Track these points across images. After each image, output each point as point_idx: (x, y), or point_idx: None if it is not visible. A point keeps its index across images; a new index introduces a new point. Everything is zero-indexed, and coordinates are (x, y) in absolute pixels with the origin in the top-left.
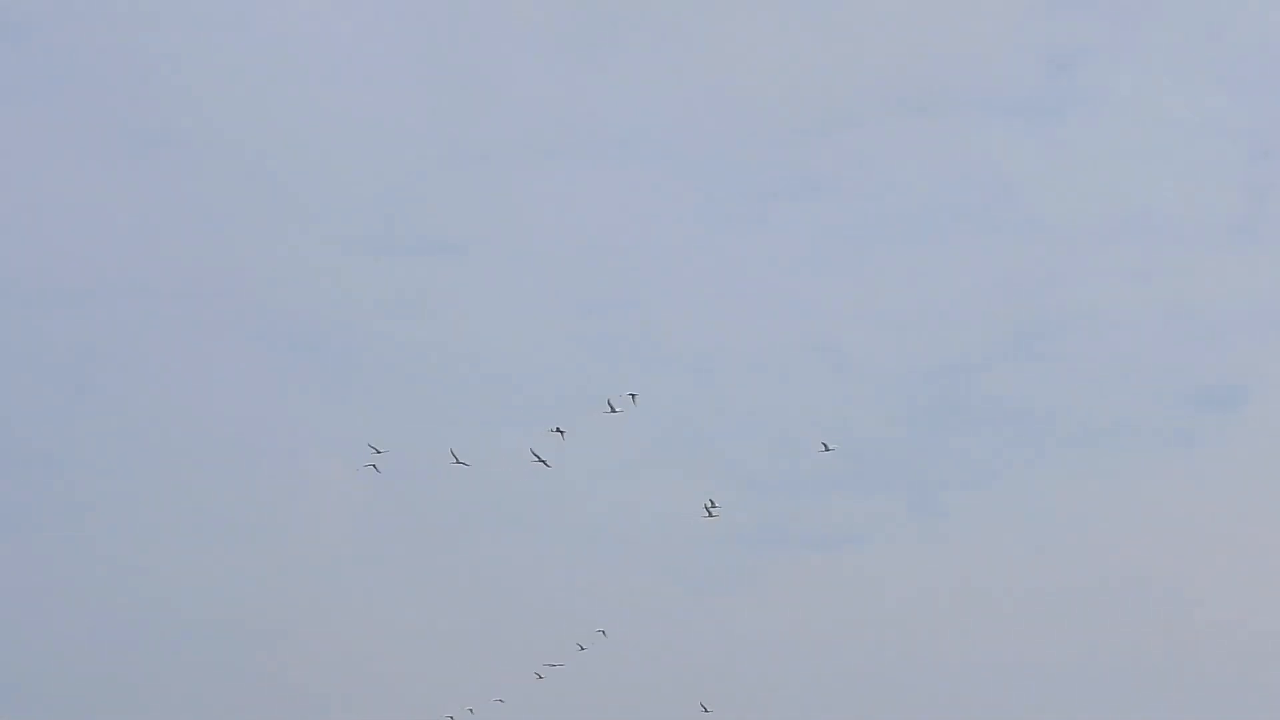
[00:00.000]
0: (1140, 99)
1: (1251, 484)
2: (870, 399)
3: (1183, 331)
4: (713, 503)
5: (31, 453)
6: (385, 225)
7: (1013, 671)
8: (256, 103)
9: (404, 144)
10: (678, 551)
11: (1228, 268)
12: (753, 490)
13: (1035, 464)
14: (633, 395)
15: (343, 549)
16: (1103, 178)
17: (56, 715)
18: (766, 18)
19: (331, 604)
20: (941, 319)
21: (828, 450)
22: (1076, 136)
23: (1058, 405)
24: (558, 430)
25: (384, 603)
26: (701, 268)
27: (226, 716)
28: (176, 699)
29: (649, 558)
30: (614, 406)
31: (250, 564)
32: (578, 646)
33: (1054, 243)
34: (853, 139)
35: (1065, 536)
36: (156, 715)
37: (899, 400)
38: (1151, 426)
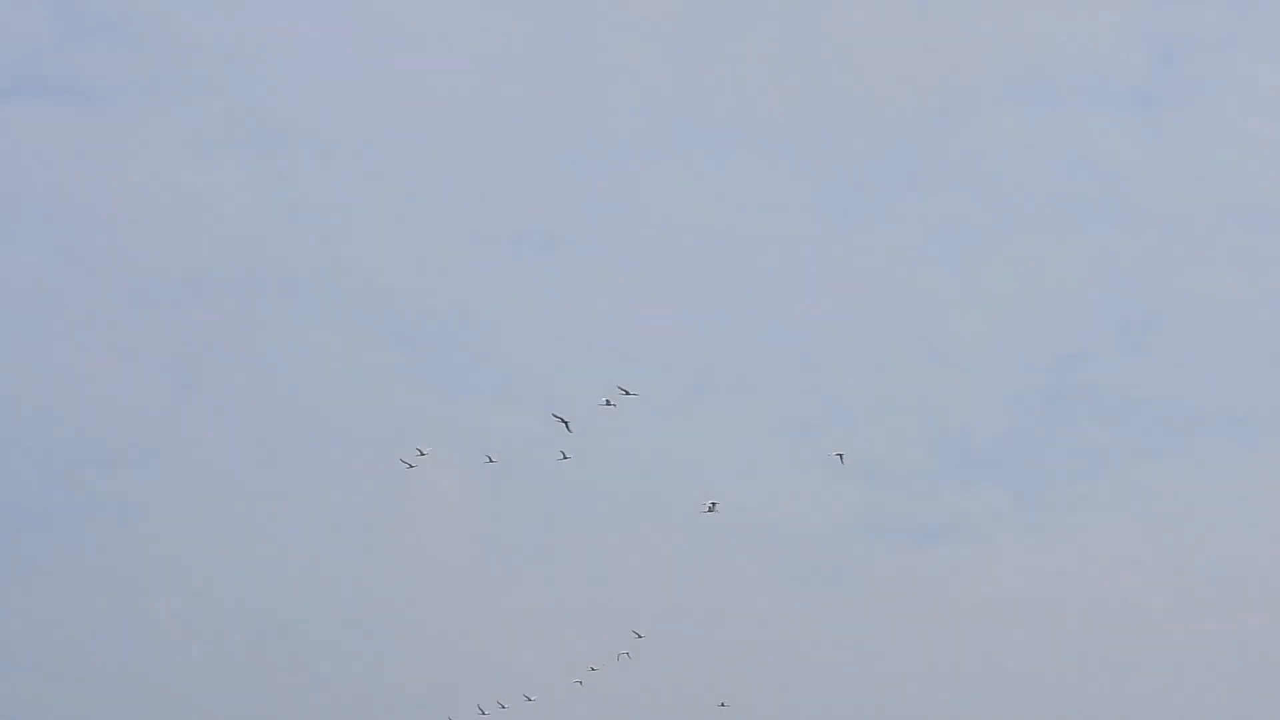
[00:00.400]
0: (1248, 87)
1: None
2: (979, 390)
3: None
4: (713, 504)
5: (140, 447)
6: (497, 219)
7: (1122, 664)
8: (369, 98)
9: (515, 138)
10: (782, 542)
11: None
12: (860, 482)
13: (1145, 455)
14: (626, 391)
15: (452, 543)
16: (1211, 167)
17: (164, 704)
18: (875, 8)
19: (440, 595)
20: (1051, 310)
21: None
22: (1185, 126)
23: (1167, 396)
24: (561, 419)
25: (496, 591)
26: (811, 259)
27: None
28: (238, 685)
29: (753, 548)
30: (609, 401)
31: (355, 558)
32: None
33: (1163, 233)
34: (961, 131)
35: (1175, 528)
36: (232, 700)
37: (1008, 392)
38: (1261, 417)
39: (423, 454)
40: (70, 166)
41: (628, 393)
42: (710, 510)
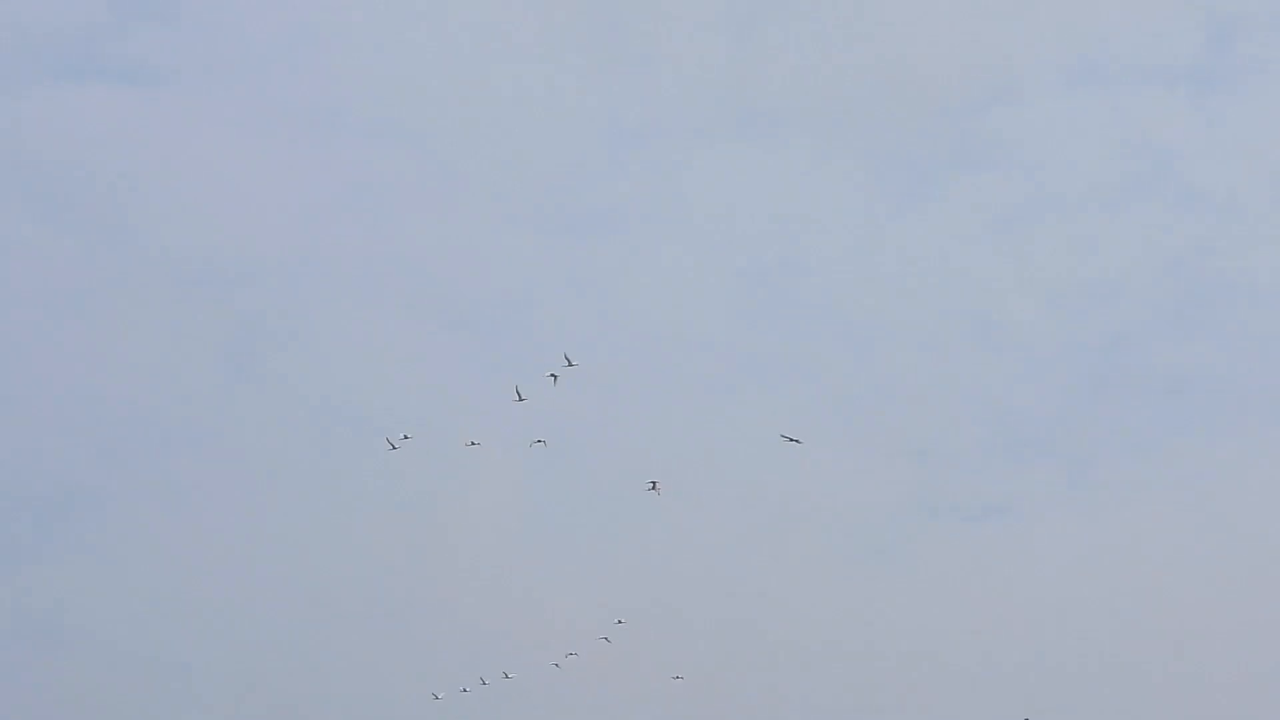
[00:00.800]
0: None
1: None
2: (1030, 370)
3: None
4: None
5: (190, 431)
6: (546, 203)
7: (1173, 644)
8: (419, 82)
9: (565, 122)
10: (832, 522)
11: None
12: (910, 461)
13: (1197, 435)
14: (569, 362)
15: (501, 528)
16: (1265, 147)
17: (221, 696)
18: None
19: (493, 584)
20: (1102, 290)
21: (792, 441)
22: (1238, 106)
23: (1219, 376)
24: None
25: (547, 579)
26: (862, 241)
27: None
28: (279, 664)
29: (802, 528)
30: (554, 373)
31: (404, 544)
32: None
33: (1214, 213)
34: (1013, 112)
35: (1227, 509)
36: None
37: (1059, 372)
38: None
39: (406, 438)
40: (123, 149)
41: (569, 363)
42: (652, 489)
